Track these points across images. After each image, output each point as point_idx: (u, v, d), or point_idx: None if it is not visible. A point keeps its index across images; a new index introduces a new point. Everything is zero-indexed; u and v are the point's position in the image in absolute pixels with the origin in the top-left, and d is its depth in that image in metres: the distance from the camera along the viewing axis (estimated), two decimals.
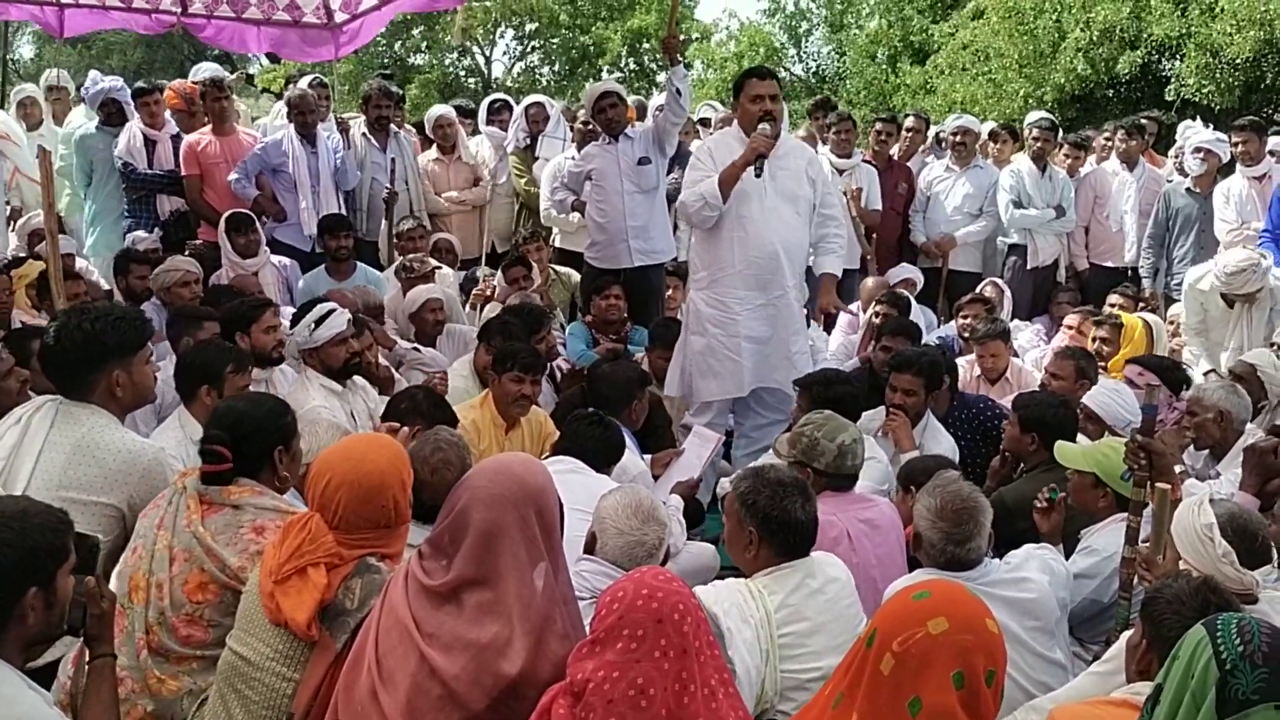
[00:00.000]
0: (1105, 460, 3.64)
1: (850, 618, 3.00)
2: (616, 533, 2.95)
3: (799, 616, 2.91)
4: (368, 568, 2.61)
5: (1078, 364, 5.11)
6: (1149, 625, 2.51)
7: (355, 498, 2.62)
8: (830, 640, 2.91)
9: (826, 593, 2.98)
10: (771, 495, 3.00)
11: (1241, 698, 1.91)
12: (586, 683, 2.13)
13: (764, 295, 5.17)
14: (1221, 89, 12.58)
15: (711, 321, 5.21)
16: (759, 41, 20.50)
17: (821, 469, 3.65)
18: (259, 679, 2.58)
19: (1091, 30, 13.28)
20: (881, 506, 3.74)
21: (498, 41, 25.73)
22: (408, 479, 2.72)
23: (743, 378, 5.20)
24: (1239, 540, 2.90)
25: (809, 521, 3.03)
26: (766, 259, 5.14)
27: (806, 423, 3.76)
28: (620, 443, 4.07)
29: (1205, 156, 7.21)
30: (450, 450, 3.31)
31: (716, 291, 5.21)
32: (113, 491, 3.16)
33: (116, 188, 7.42)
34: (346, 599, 2.56)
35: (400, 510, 2.69)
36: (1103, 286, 7.34)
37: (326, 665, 2.52)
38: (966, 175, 7.79)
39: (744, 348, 5.16)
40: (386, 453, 2.72)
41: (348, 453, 2.71)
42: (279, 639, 2.59)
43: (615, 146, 6.49)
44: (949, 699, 2.07)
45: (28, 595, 2.16)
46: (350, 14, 7.35)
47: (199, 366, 3.98)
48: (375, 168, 7.48)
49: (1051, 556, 3.42)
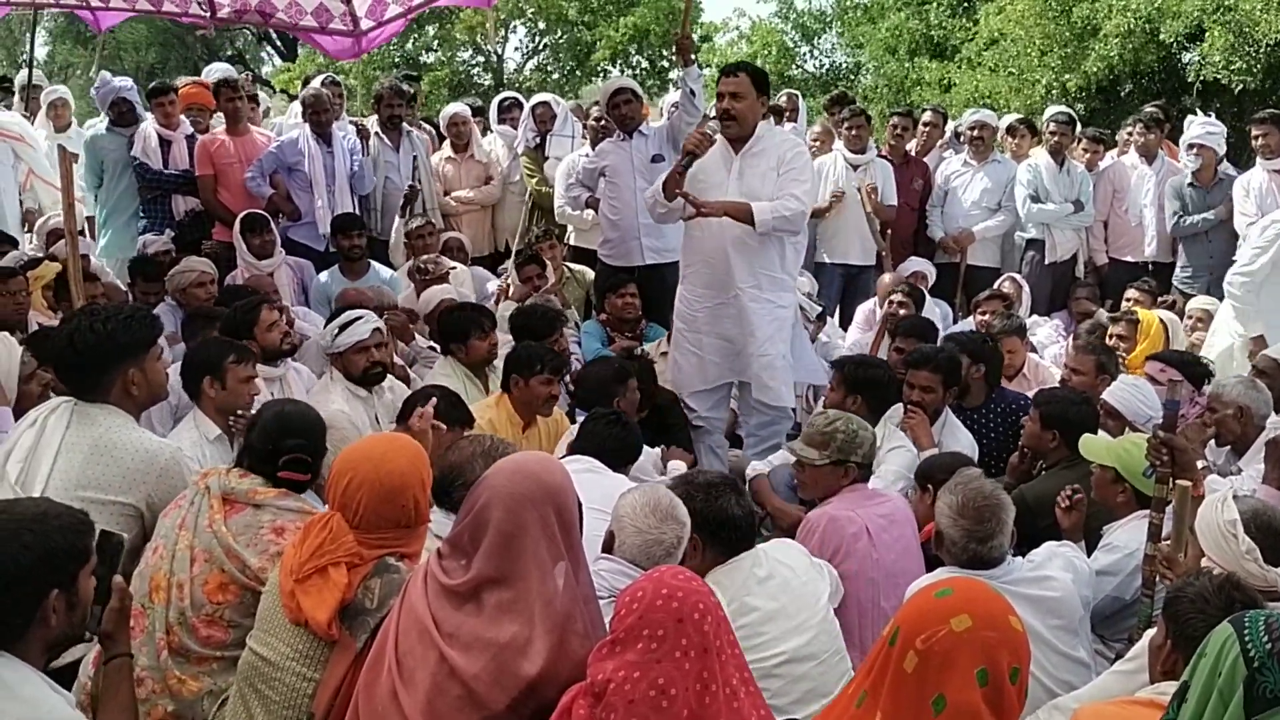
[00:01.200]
0: (1126, 456, 3.62)
1: (808, 596, 3.03)
2: (635, 531, 2.94)
3: (749, 608, 2.93)
4: (386, 567, 2.62)
5: (1098, 359, 5.09)
6: (1172, 625, 2.49)
7: (376, 497, 2.62)
8: (789, 622, 2.94)
9: (775, 577, 3.01)
10: (705, 497, 3.06)
11: (1270, 695, 1.89)
12: (607, 683, 2.13)
13: (720, 294, 5.13)
14: (1247, 70, 12.39)
15: (679, 316, 5.31)
16: (771, 41, 20.41)
17: (860, 461, 3.68)
18: (279, 679, 2.58)
19: (1129, 17, 13.07)
20: (895, 501, 3.75)
21: (509, 39, 25.77)
22: (427, 479, 2.73)
23: (705, 372, 5.23)
24: (1263, 536, 2.87)
25: (745, 516, 3.09)
26: (717, 258, 5.09)
27: (832, 420, 3.76)
28: (637, 442, 4.06)
29: (1199, 151, 7.17)
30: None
31: (686, 286, 5.29)
32: (131, 491, 3.17)
33: (129, 188, 7.41)
34: (366, 598, 2.57)
35: (420, 510, 2.70)
36: (1121, 281, 7.29)
37: (347, 665, 2.52)
38: (984, 170, 7.74)
39: (705, 343, 5.19)
40: (407, 453, 2.72)
41: (369, 453, 2.72)
42: (299, 639, 2.59)
43: (629, 144, 6.48)
44: (973, 696, 2.05)
45: (50, 597, 2.16)
46: (376, 20, 7.37)
47: (199, 362, 4.03)
48: (389, 166, 7.47)
49: (1074, 554, 3.40)
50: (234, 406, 3.95)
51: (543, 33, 25.07)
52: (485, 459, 3.17)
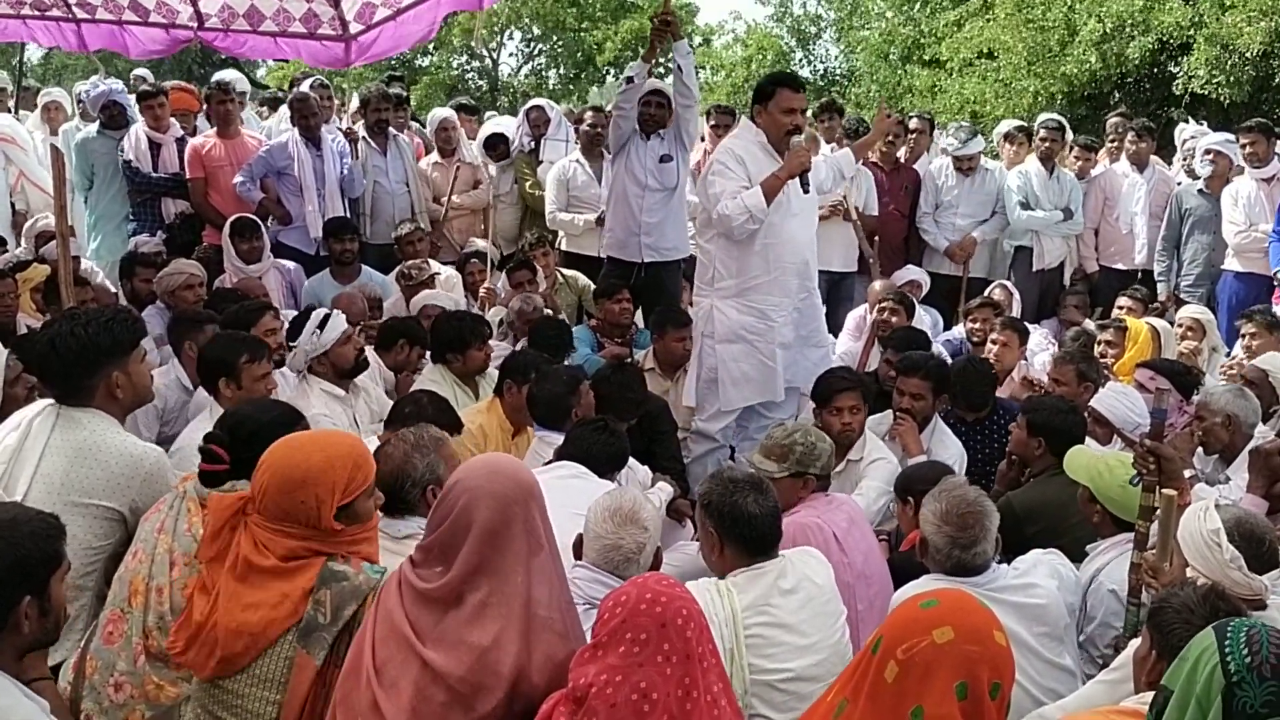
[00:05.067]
0: (1099, 478, 3.56)
1: (827, 616, 2.97)
2: (595, 536, 2.91)
3: (767, 615, 2.89)
4: (333, 575, 2.57)
5: (1078, 368, 5.09)
6: (1157, 635, 2.47)
7: (276, 486, 2.59)
8: (803, 640, 2.89)
9: (799, 592, 2.95)
10: (723, 492, 3.01)
11: (1250, 711, 1.88)
12: (589, 687, 2.12)
13: (793, 300, 5.25)
14: (1232, 83, 12.47)
15: (747, 329, 5.21)
16: (767, 45, 20.46)
17: (819, 473, 3.66)
18: (240, 705, 2.55)
19: (1105, 23, 13.17)
20: (849, 505, 3.75)
21: (505, 44, 25.79)
22: (340, 485, 2.61)
23: (777, 383, 5.26)
24: (1246, 545, 2.85)
25: (764, 516, 3.00)
26: (800, 265, 5.24)
27: (790, 433, 3.74)
28: (624, 449, 4.04)
29: (1215, 158, 7.19)
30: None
31: (750, 299, 5.21)
32: (115, 495, 3.15)
33: (119, 192, 7.40)
34: (319, 614, 2.52)
35: (322, 514, 2.59)
36: (1112, 289, 7.31)
37: (308, 683, 2.50)
38: (974, 179, 7.73)
39: (778, 354, 5.22)
40: (325, 454, 2.63)
41: (290, 443, 2.69)
42: (257, 662, 2.55)
43: (644, 143, 6.48)
44: (951, 709, 2.04)
45: (22, 604, 2.15)
46: (365, 24, 7.35)
47: (214, 361, 4.01)
48: (377, 171, 7.47)
49: (1060, 562, 3.39)
50: None
51: (538, 38, 25.10)
52: (419, 451, 3.13)
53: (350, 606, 2.50)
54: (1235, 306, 7.00)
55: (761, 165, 5.07)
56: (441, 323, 5.36)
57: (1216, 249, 7.20)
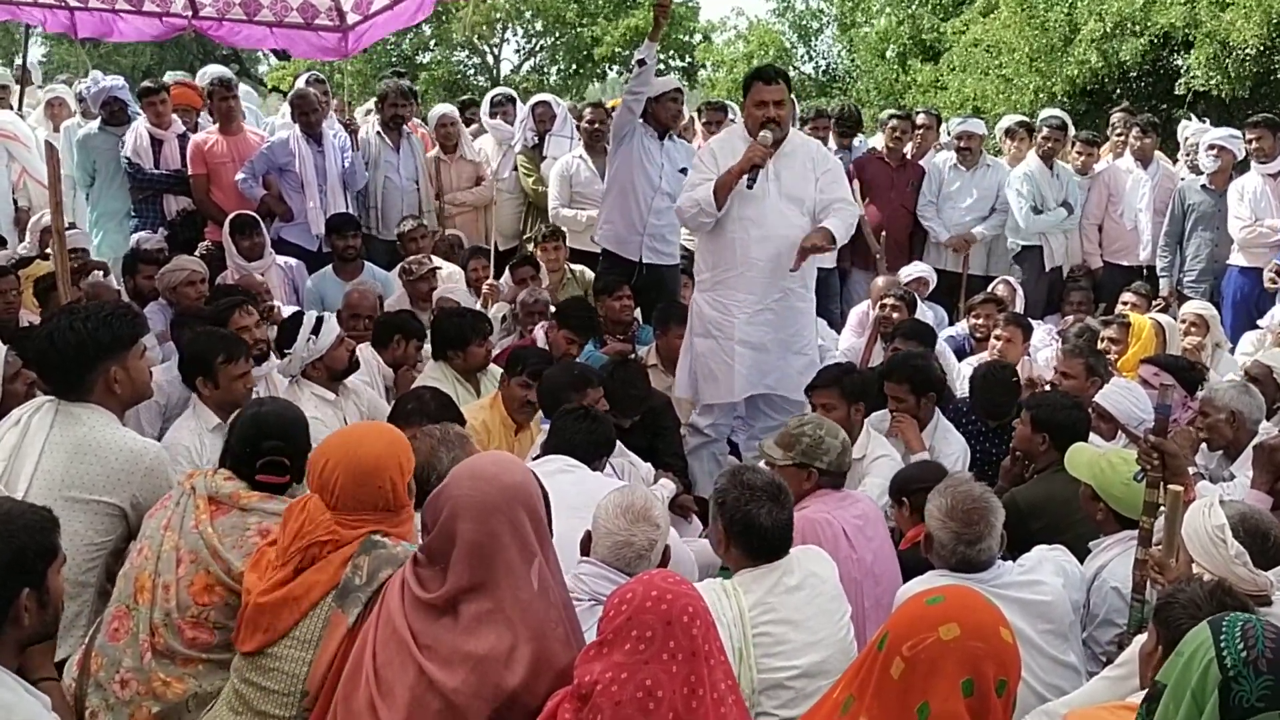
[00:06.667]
0: (1101, 475, 3.55)
1: (832, 613, 2.96)
2: (606, 533, 2.90)
3: (774, 614, 2.88)
4: (374, 544, 2.60)
5: (1087, 362, 5.08)
6: (1164, 631, 2.46)
7: (352, 479, 2.64)
8: (809, 636, 2.88)
9: (804, 589, 2.94)
10: (738, 498, 2.97)
11: (1246, 705, 1.88)
12: (594, 684, 2.11)
13: (762, 300, 5.08)
14: (1231, 80, 12.47)
15: (713, 324, 5.14)
16: (768, 41, 20.42)
17: (824, 467, 3.63)
18: (277, 668, 2.59)
19: (1105, 22, 13.18)
20: (865, 503, 3.72)
21: (507, 40, 25.78)
22: (406, 464, 2.75)
23: (734, 384, 5.10)
24: (1251, 540, 2.84)
25: (775, 528, 2.96)
26: (767, 262, 5.04)
27: (802, 424, 3.73)
28: (608, 435, 3.99)
29: (1219, 153, 7.17)
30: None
31: (719, 293, 5.14)
32: (115, 491, 3.14)
33: (121, 188, 7.39)
34: (356, 575, 2.55)
35: (398, 493, 2.70)
36: (1117, 285, 7.29)
37: (339, 641, 2.51)
38: (974, 176, 7.73)
39: (737, 352, 5.07)
40: (385, 438, 2.76)
41: (346, 436, 2.79)
42: (297, 626, 2.60)
43: (663, 146, 6.45)
44: (957, 706, 2.04)
45: (21, 597, 2.15)
46: (362, 15, 7.34)
47: (191, 359, 4.06)
48: (388, 166, 7.45)
49: (1065, 558, 3.38)
50: (231, 403, 3.93)
51: (539, 34, 25.08)
52: (444, 445, 3.21)
53: (386, 570, 2.53)
54: (1240, 302, 7.01)
55: (738, 158, 5.01)
56: (442, 320, 5.35)
57: (1220, 244, 7.19)
